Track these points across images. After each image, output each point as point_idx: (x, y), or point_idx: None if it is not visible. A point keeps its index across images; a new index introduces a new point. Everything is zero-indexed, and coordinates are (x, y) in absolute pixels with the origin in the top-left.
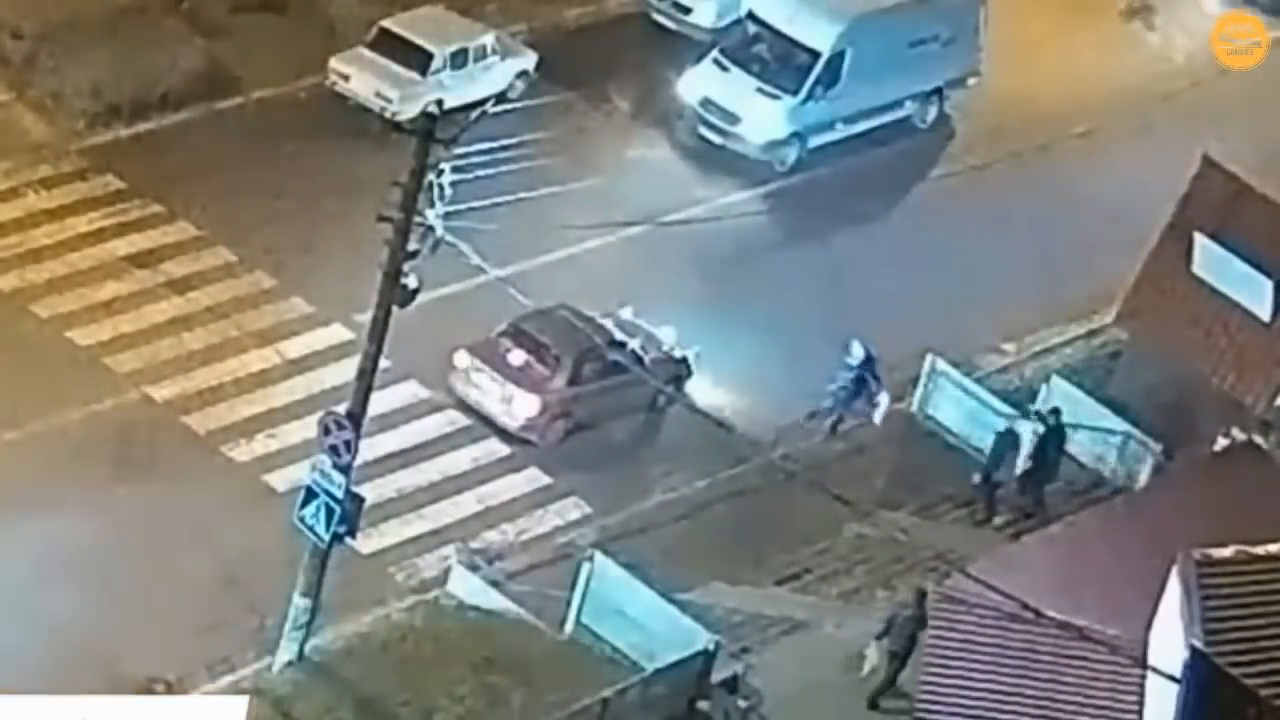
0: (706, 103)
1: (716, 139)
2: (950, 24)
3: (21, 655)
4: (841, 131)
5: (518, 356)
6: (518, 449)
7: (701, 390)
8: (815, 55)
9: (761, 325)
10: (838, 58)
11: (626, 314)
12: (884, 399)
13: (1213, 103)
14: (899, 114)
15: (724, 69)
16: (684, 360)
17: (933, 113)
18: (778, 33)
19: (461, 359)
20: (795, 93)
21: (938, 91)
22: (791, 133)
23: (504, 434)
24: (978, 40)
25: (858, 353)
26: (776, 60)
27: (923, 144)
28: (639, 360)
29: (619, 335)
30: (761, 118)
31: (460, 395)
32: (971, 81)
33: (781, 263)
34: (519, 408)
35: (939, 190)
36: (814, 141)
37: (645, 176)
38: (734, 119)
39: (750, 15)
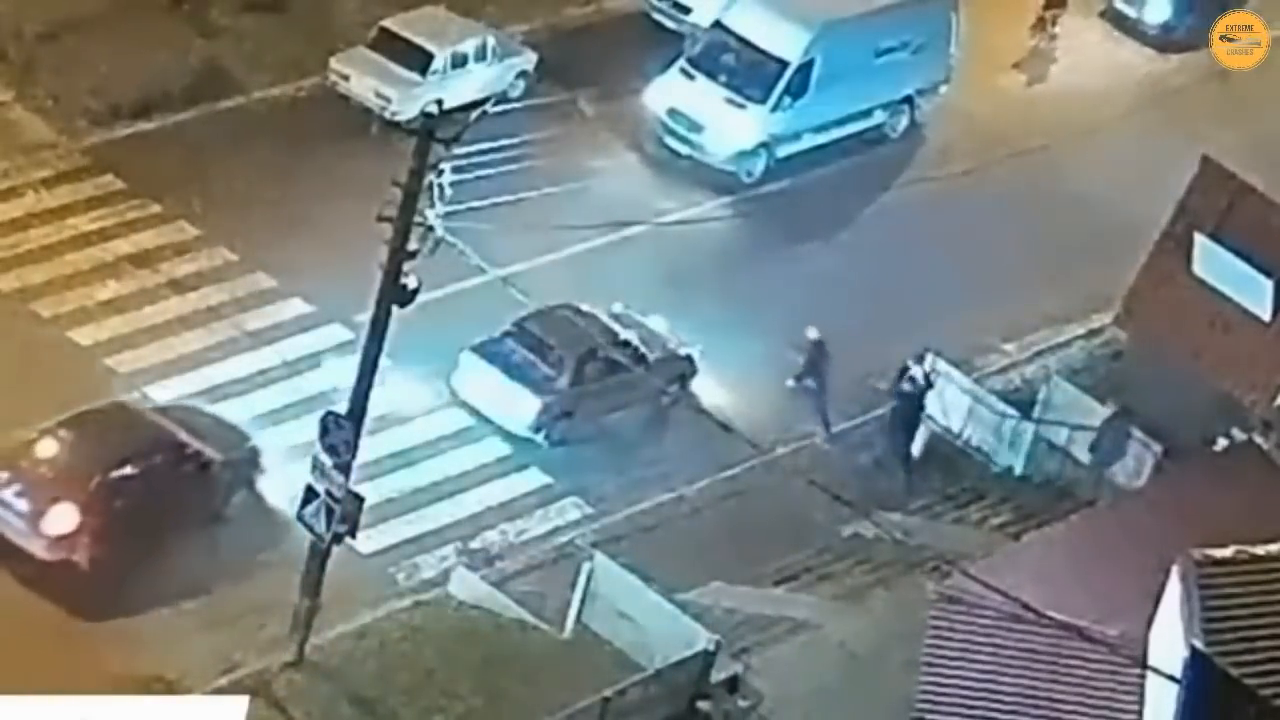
0: (673, 112)
1: (683, 149)
2: (920, 31)
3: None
4: (810, 141)
5: (522, 356)
6: (518, 449)
7: (704, 389)
8: (783, 64)
9: (760, 328)
10: (806, 66)
11: (618, 308)
12: (923, 428)
13: (1212, 103)
14: (869, 123)
15: (690, 78)
16: (689, 358)
17: (903, 121)
18: (745, 41)
19: (466, 359)
20: (763, 102)
21: (908, 100)
22: (759, 142)
23: (506, 433)
24: (949, 48)
25: (919, 375)
26: (744, 69)
27: (896, 152)
28: (643, 359)
29: (623, 334)
30: (729, 127)
31: (463, 395)
32: (943, 89)
33: (776, 266)
34: (522, 407)
35: (927, 195)
36: (782, 151)
37: (641, 178)
38: (701, 129)
39: (717, 23)
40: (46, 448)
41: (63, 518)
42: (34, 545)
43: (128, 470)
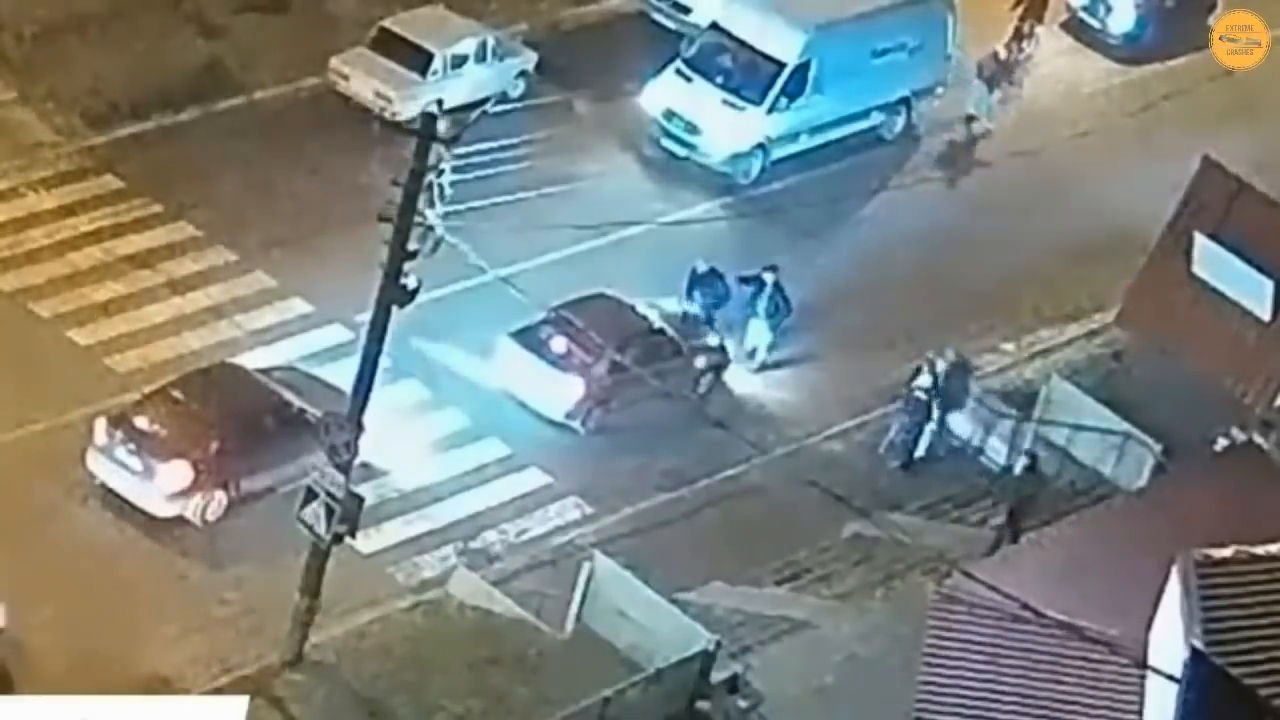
0: (670, 114)
1: (680, 150)
2: (917, 33)
3: (27, 654)
4: (807, 142)
5: (560, 343)
6: (518, 449)
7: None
8: (780, 65)
9: None
10: (803, 68)
11: (669, 305)
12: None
13: (1212, 103)
14: (866, 124)
15: (687, 80)
16: (722, 348)
17: (900, 123)
18: (742, 42)
19: (503, 345)
20: (759, 103)
21: (905, 101)
22: (756, 144)
23: (506, 433)
24: (946, 50)
25: (924, 378)
26: (741, 70)
27: (893, 153)
28: (678, 348)
29: (658, 323)
30: (726, 129)
31: (500, 381)
32: (940, 91)
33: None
34: (562, 393)
35: (925, 195)
36: (779, 152)
37: (639, 179)
38: (697, 130)
39: (714, 25)
40: (159, 407)
41: (177, 474)
42: (148, 502)
43: (240, 429)
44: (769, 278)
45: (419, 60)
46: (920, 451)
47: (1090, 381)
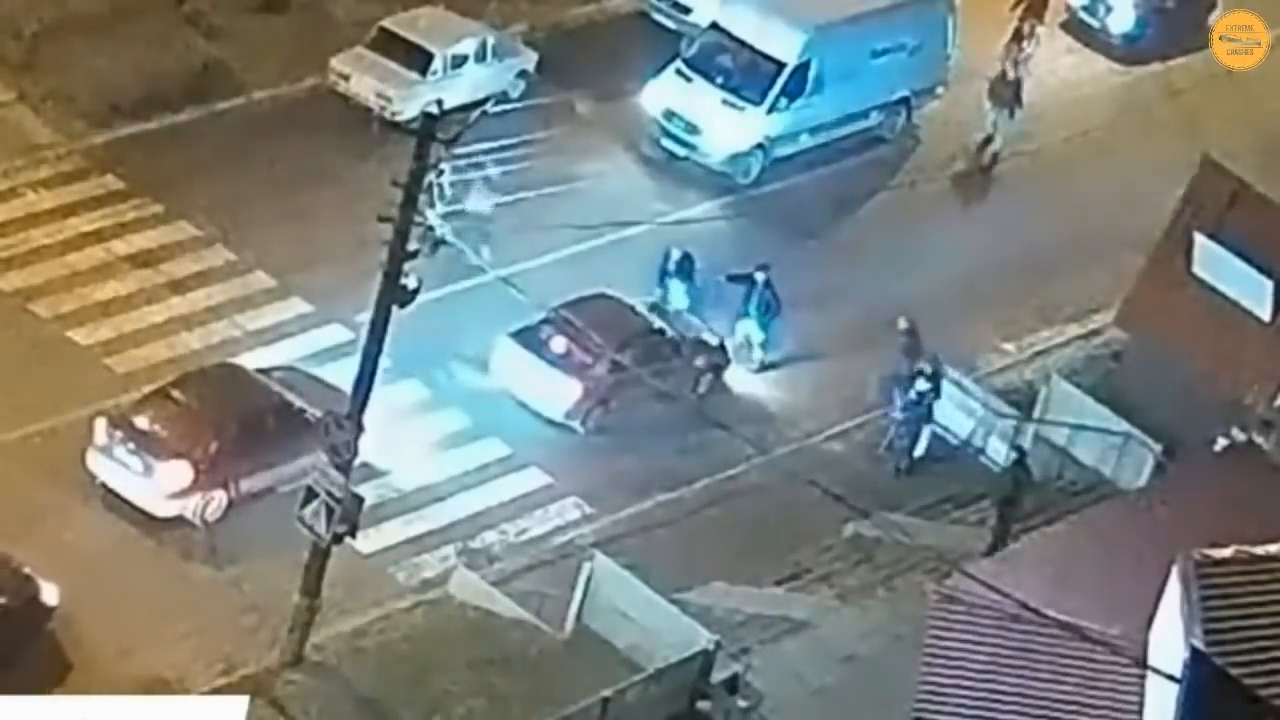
0: (670, 114)
1: (680, 150)
2: (917, 33)
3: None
4: (807, 142)
5: (559, 344)
6: (518, 449)
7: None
8: (780, 65)
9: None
10: (802, 68)
11: (674, 299)
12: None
13: (1212, 103)
14: (865, 124)
15: (687, 80)
16: (722, 348)
17: (899, 123)
18: (742, 43)
19: (503, 345)
20: (759, 103)
21: (905, 101)
22: (756, 144)
23: (506, 433)
24: (946, 50)
25: (922, 381)
26: (740, 70)
27: (892, 153)
28: (677, 348)
29: (658, 323)
30: (725, 129)
31: (500, 382)
32: (940, 91)
33: (773, 266)
34: (561, 393)
35: (924, 196)
36: (778, 152)
37: (639, 179)
38: (697, 130)
39: (714, 25)
40: (159, 407)
41: (177, 474)
42: (148, 502)
43: (240, 429)
44: (760, 276)
45: (419, 60)
46: (920, 451)
47: (1090, 381)
